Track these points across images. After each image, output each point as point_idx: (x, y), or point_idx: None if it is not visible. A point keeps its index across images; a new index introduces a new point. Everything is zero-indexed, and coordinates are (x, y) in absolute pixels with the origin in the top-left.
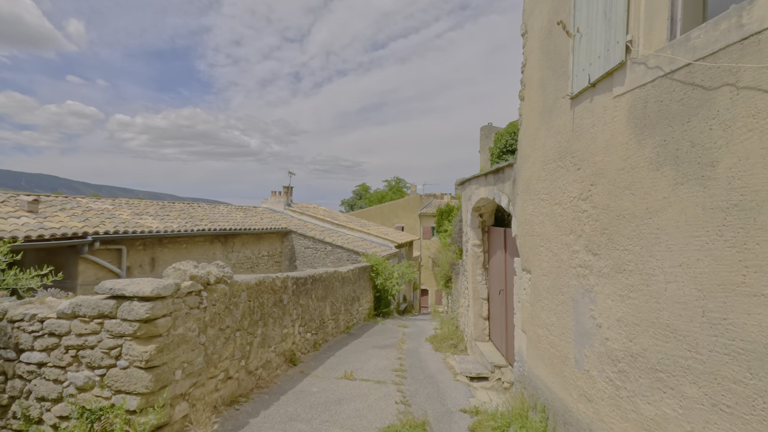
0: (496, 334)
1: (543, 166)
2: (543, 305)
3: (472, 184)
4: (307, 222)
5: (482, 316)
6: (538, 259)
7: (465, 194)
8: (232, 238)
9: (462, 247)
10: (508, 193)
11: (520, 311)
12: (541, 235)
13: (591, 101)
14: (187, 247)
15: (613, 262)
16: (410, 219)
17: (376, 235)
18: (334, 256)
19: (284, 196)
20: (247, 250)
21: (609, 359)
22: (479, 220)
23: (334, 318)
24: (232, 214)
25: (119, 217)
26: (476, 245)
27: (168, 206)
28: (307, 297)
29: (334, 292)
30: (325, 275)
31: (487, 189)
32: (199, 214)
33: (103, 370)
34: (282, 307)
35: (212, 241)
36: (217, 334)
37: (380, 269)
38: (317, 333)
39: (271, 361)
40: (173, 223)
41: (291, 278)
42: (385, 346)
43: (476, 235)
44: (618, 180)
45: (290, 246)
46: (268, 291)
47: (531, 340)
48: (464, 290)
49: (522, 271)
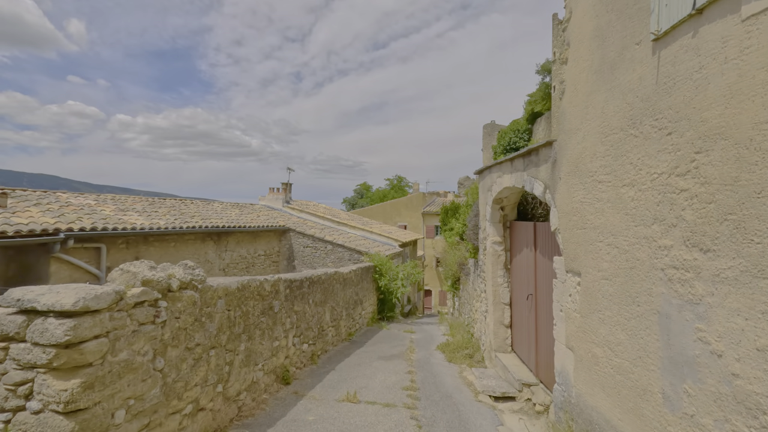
0: (521, 345)
1: (602, 139)
2: (603, 317)
3: (494, 172)
4: (306, 220)
5: (504, 324)
6: (593, 258)
7: (483, 185)
8: (226, 236)
9: (478, 245)
10: (545, 179)
11: (564, 323)
12: (600, 228)
13: (695, 36)
14: (176, 246)
15: (745, 262)
16: (413, 217)
17: (379, 234)
18: (334, 255)
19: (283, 193)
20: (242, 250)
21: (742, 407)
22: (500, 214)
23: (334, 325)
24: (226, 211)
25: (101, 213)
26: (496, 243)
27: (158, 202)
28: (304, 302)
29: (334, 295)
30: (325, 277)
31: (513, 176)
32: (190, 211)
33: (8, 415)
34: (272, 316)
35: (204, 239)
36: (182, 356)
37: (384, 270)
38: (315, 343)
39: (257, 382)
40: (160, 219)
41: (283, 281)
42: (392, 356)
43: (497, 231)
44: (756, 140)
45: (288, 245)
46: (254, 297)
47: (582, 361)
48: (480, 293)
49: (566, 273)
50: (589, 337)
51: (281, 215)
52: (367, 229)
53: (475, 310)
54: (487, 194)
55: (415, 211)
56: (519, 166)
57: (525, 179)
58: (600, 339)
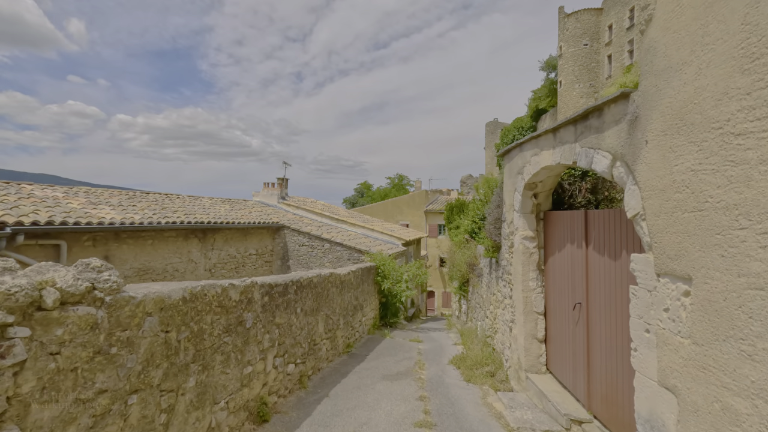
0: (561, 366)
1: (745, 66)
2: (750, 350)
3: (526, 149)
4: (303, 217)
5: (537, 338)
6: (723, 256)
7: (510, 168)
8: (213, 233)
9: (499, 241)
10: (614, 147)
11: (656, 349)
12: (740, 206)
13: None
14: (154, 244)
15: None
16: (415, 216)
17: (381, 232)
18: (332, 254)
19: (278, 188)
20: (231, 248)
21: None
22: (532, 203)
23: (329, 336)
24: (215, 207)
25: (66, 206)
26: (528, 238)
27: (138, 196)
28: (289, 312)
29: (329, 301)
30: (317, 280)
31: (557, 151)
32: (174, 206)
33: None
34: (243, 334)
35: (187, 236)
36: (66, 415)
37: (387, 271)
38: (305, 361)
39: (218, 427)
40: (136, 214)
41: (259, 287)
42: (398, 374)
43: (528, 224)
44: None
45: (283, 243)
46: (212, 310)
47: (697, 412)
48: (503, 299)
49: (658, 277)
50: (714, 378)
51: (276, 212)
52: (368, 226)
53: (494, 318)
54: (516, 179)
55: (417, 210)
56: (567, 137)
57: (578, 152)
58: (742, 385)
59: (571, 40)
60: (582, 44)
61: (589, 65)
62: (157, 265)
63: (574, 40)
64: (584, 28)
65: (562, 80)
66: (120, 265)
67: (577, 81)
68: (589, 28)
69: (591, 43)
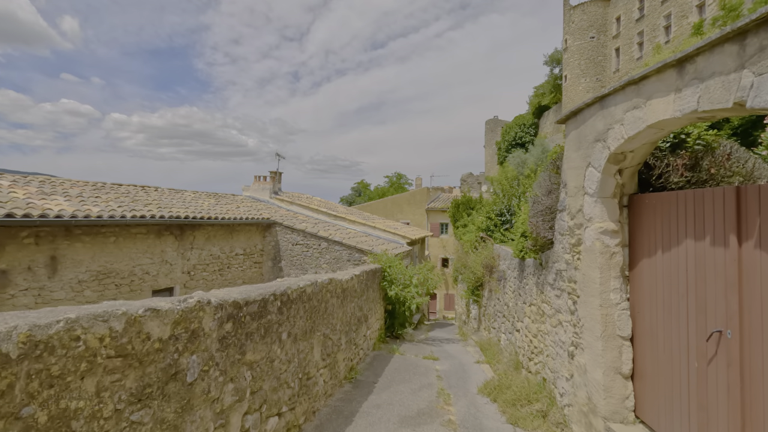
0: (664, 415)
1: None
2: None
3: (615, 103)
4: (297, 213)
5: (621, 373)
6: None
7: (579, 136)
8: (192, 230)
9: (550, 237)
10: None
11: None
12: None
13: None
14: (118, 242)
15: None
16: (416, 215)
17: (384, 230)
18: (330, 255)
19: (270, 182)
20: (214, 247)
21: None
22: (615, 184)
23: (328, 364)
24: (198, 201)
25: (8, 195)
26: (608, 232)
27: (108, 188)
28: (270, 340)
29: (329, 317)
30: (313, 290)
31: (690, 93)
32: (148, 199)
33: None
34: (179, 395)
35: (160, 233)
36: None
37: (394, 274)
38: (294, 407)
39: None
40: (96, 206)
41: (215, 308)
42: (419, 414)
43: (608, 213)
44: None
45: (274, 242)
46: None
47: None
48: (556, 313)
49: None
50: None
51: (267, 207)
52: (370, 224)
53: (535, 335)
54: (591, 150)
55: (418, 208)
56: (715, 65)
57: (753, 85)
58: None
59: (577, 32)
60: (588, 37)
61: (595, 59)
62: (122, 267)
63: (580, 33)
64: (591, 21)
65: (568, 74)
66: (73, 268)
67: (584, 75)
68: (595, 20)
69: (598, 36)
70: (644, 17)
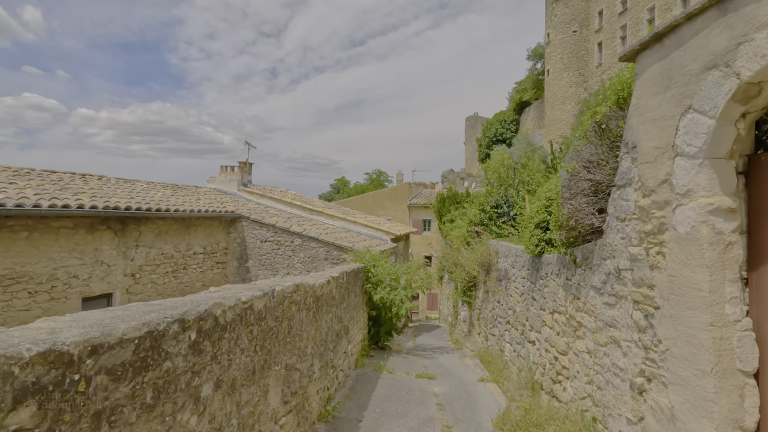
0: None
1: None
2: None
3: (746, 5)
4: (269, 207)
5: (743, 428)
6: None
7: (670, 70)
8: (137, 224)
9: (598, 224)
10: None
11: None
12: None
13: None
14: (32, 238)
15: None
16: (398, 211)
17: (365, 225)
18: (305, 253)
19: (239, 173)
20: (167, 245)
21: None
22: (734, 136)
23: (294, 407)
24: (150, 192)
25: None
26: (720, 212)
27: (35, 174)
28: (171, 406)
29: (295, 340)
30: (267, 305)
31: None
32: (84, 188)
33: None
34: None
35: (94, 227)
36: None
37: (379, 274)
38: None
39: None
40: (1, 192)
41: None
42: None
43: (720, 183)
44: None
45: (240, 238)
46: None
47: None
48: (606, 327)
49: None
50: None
51: (234, 200)
52: (350, 218)
53: (564, 352)
54: (694, 86)
55: (400, 204)
56: None
57: None
58: None
59: (560, 26)
60: (571, 31)
61: (578, 53)
62: (40, 269)
63: (562, 27)
64: (573, 14)
65: (550, 69)
66: None
67: (566, 69)
68: (578, 14)
69: (580, 30)
70: (627, 11)
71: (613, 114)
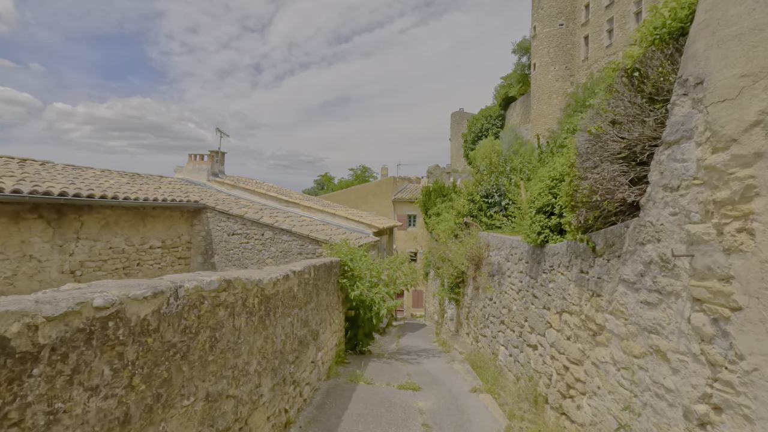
0: None
1: None
2: None
3: None
4: (240, 198)
5: None
6: None
7: None
8: (78, 213)
9: (633, 198)
10: None
11: None
12: None
13: None
14: None
15: None
16: (382, 206)
17: (346, 218)
18: (276, 247)
19: (209, 162)
20: (117, 238)
21: None
22: None
23: None
24: (101, 179)
25: None
26: None
27: None
28: None
29: (221, 357)
30: (171, 309)
31: None
32: (15, 173)
33: None
34: None
35: (19, 216)
36: None
37: (358, 269)
38: None
39: None
40: None
41: None
42: None
43: None
44: None
45: (205, 231)
46: None
47: None
48: (643, 332)
49: None
50: None
51: (202, 191)
52: (329, 211)
53: (578, 361)
54: None
55: (384, 199)
56: None
57: None
58: None
59: (546, 19)
60: (557, 24)
61: (564, 47)
62: None
63: (549, 20)
64: (560, 7)
65: (537, 63)
66: None
67: (553, 63)
68: (565, 7)
69: (567, 24)
70: (614, 4)
71: (649, 56)
